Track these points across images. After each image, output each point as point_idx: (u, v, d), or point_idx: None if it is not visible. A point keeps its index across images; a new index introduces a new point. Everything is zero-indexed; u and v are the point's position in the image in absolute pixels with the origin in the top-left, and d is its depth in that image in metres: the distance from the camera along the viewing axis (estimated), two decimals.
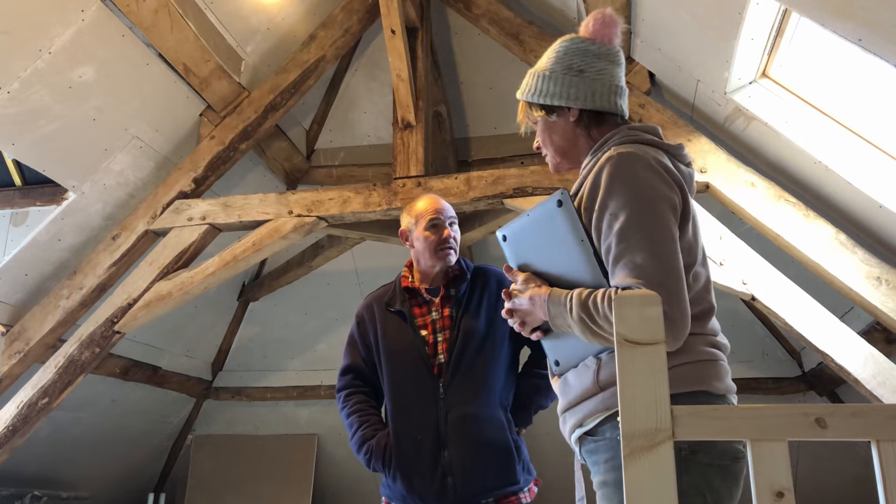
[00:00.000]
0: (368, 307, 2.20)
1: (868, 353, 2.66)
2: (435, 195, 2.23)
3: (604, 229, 1.23)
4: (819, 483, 3.95)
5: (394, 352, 2.09)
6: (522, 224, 1.36)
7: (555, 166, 1.49)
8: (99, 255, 3.44)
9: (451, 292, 2.11)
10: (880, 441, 0.81)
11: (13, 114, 2.90)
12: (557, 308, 1.25)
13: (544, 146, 1.48)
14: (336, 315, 4.79)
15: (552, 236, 1.30)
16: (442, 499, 1.95)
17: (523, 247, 1.36)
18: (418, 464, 1.98)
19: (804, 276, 2.83)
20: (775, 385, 4.16)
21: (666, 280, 1.17)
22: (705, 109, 3.07)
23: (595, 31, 1.42)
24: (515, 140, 4.18)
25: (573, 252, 1.27)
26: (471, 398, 1.99)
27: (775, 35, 2.54)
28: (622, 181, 1.24)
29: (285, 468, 4.82)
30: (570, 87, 1.39)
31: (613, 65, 1.41)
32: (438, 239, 2.09)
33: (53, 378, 3.33)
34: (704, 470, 1.17)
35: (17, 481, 3.89)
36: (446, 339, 2.05)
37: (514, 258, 1.39)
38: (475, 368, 2.01)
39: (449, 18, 3.98)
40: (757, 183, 2.87)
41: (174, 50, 3.16)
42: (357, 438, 2.09)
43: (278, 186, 4.31)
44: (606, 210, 1.23)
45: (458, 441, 1.96)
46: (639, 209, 1.21)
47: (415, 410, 2.02)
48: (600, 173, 1.27)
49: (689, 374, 1.23)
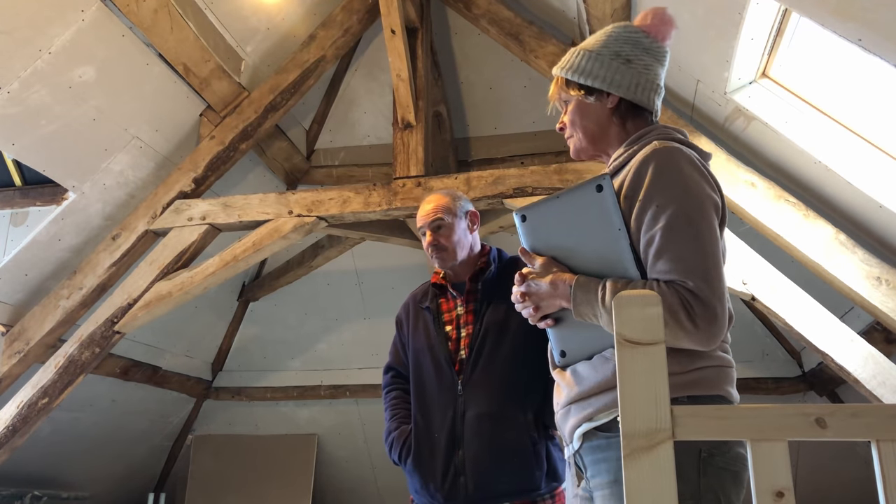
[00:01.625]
0: (406, 306, 2.21)
1: (868, 353, 2.66)
2: (430, 196, 2.17)
3: (647, 221, 1.20)
4: (819, 483, 3.95)
5: (419, 349, 2.07)
6: (549, 206, 1.28)
7: (577, 150, 1.42)
8: (99, 255, 3.44)
9: (478, 286, 2.07)
10: (880, 441, 0.81)
11: (13, 114, 2.90)
12: (586, 295, 1.21)
13: (572, 127, 1.41)
14: (336, 315, 4.79)
15: (584, 222, 1.25)
16: (453, 499, 1.90)
17: (545, 230, 1.30)
18: (433, 462, 1.94)
19: (804, 276, 2.83)
20: (775, 385, 4.16)
21: (712, 278, 1.16)
22: (705, 109, 3.07)
23: (651, 26, 1.38)
24: (515, 140, 4.18)
25: (607, 240, 1.23)
26: (489, 396, 1.93)
27: (775, 35, 2.54)
28: (670, 175, 1.22)
29: (285, 468, 4.82)
30: (615, 73, 1.34)
31: (659, 64, 1.38)
32: (426, 246, 2.09)
33: (53, 378, 3.33)
34: (720, 473, 1.16)
35: (17, 481, 3.89)
36: (469, 334, 2.01)
37: (530, 240, 1.32)
38: (495, 365, 1.95)
39: (449, 18, 3.98)
40: (757, 183, 2.87)
41: (174, 50, 3.16)
42: (385, 431, 2.10)
43: (278, 186, 4.31)
44: (652, 202, 1.20)
45: (473, 441, 1.91)
46: (688, 205, 1.19)
47: (434, 408, 1.99)
48: (646, 164, 1.23)
49: (712, 377, 1.23)
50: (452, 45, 4.07)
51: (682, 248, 1.17)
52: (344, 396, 4.78)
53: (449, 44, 4.06)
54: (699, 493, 1.14)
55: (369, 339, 4.68)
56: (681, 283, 1.15)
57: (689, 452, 1.14)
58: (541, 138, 4.13)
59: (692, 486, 1.14)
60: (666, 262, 1.17)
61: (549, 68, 3.39)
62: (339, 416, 4.89)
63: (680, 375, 1.19)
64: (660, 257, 1.17)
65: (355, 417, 4.86)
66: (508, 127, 4.18)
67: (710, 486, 1.15)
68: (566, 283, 1.24)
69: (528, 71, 3.90)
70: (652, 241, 1.19)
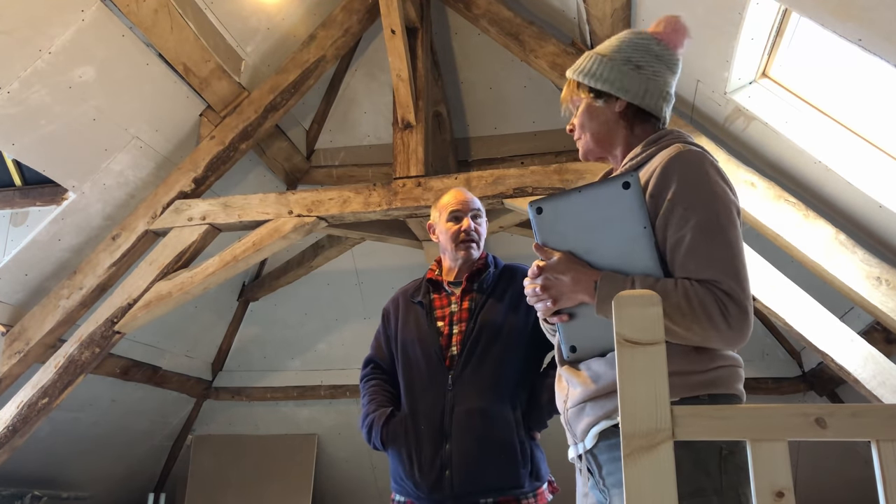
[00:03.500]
0: (395, 300, 2.23)
1: (868, 353, 2.66)
2: (462, 189, 2.21)
3: (675, 220, 1.22)
4: (819, 483, 3.95)
5: (409, 341, 2.09)
6: (569, 201, 1.26)
7: (585, 152, 1.45)
8: (99, 255, 3.44)
9: (474, 285, 2.09)
10: (880, 441, 0.81)
11: (13, 114, 2.90)
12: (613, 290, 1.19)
13: (581, 129, 1.44)
14: (336, 315, 4.79)
15: (606, 218, 1.24)
16: (437, 491, 1.91)
17: (562, 224, 1.28)
18: (420, 454, 1.95)
19: (804, 276, 2.83)
20: (775, 385, 4.16)
21: (743, 280, 1.18)
22: (705, 109, 3.07)
23: (664, 33, 1.41)
24: (515, 140, 4.19)
25: (631, 237, 1.22)
26: (478, 393, 1.96)
27: (775, 35, 2.54)
28: (699, 178, 1.24)
29: (285, 468, 4.82)
30: (625, 78, 1.37)
31: (669, 71, 1.41)
32: (458, 230, 2.09)
33: (53, 378, 3.33)
34: (738, 472, 1.17)
35: (17, 481, 3.89)
36: (462, 331, 2.03)
37: (544, 234, 1.29)
38: (486, 363, 1.98)
39: (449, 18, 3.98)
40: (757, 183, 2.87)
41: (174, 50, 3.16)
42: (362, 415, 2.10)
43: (278, 186, 4.31)
44: (682, 203, 1.22)
45: (460, 435, 1.93)
46: (718, 208, 1.22)
47: (422, 401, 2.00)
48: (673, 165, 1.25)
49: (728, 376, 1.24)
50: (452, 45, 4.07)
51: (714, 249, 1.19)
52: (344, 396, 4.78)
53: (449, 44, 4.06)
54: (721, 489, 1.15)
55: (369, 339, 4.62)
56: (715, 283, 1.17)
57: (710, 450, 1.16)
58: (541, 138, 4.13)
59: (715, 482, 1.15)
60: (698, 263, 1.19)
61: (549, 68, 3.39)
62: (339, 416, 4.89)
63: (701, 374, 1.21)
64: (691, 257, 1.19)
65: (355, 417, 4.85)
66: (508, 127, 4.18)
67: (732, 484, 1.16)
68: (590, 278, 1.23)
69: (528, 71, 3.90)
70: (682, 242, 1.21)
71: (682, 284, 1.17)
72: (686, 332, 1.17)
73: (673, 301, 1.16)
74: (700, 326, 1.16)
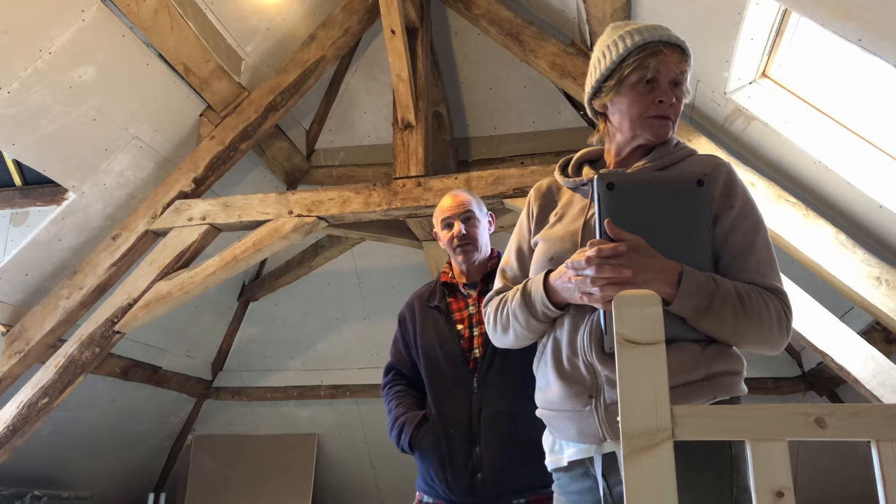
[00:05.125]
0: (410, 305, 2.21)
1: (868, 353, 2.66)
2: (454, 192, 2.19)
3: (746, 228, 1.26)
4: (819, 483, 3.95)
5: (430, 347, 2.07)
6: (641, 183, 1.23)
7: (668, 131, 1.38)
8: (99, 255, 3.44)
9: (490, 286, 2.09)
10: (880, 441, 0.81)
11: (13, 114, 2.90)
12: (694, 285, 1.16)
13: (678, 104, 1.40)
14: (336, 315, 4.79)
15: (671, 211, 1.22)
16: (471, 494, 1.91)
17: (631, 205, 1.22)
18: (451, 458, 1.95)
19: (804, 276, 2.83)
20: (775, 385, 4.16)
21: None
22: (705, 109, 3.07)
23: None
24: (515, 140, 4.19)
25: (693, 235, 1.23)
26: (505, 395, 1.95)
27: (775, 35, 2.54)
28: (747, 190, 1.32)
29: (285, 468, 4.82)
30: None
31: None
32: (451, 237, 2.09)
33: (53, 378, 3.33)
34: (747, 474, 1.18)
35: (17, 481, 3.89)
36: (482, 333, 2.01)
37: (612, 212, 1.20)
38: (511, 364, 1.96)
39: (449, 18, 3.98)
40: (757, 183, 2.87)
41: (174, 50, 3.16)
42: (390, 419, 2.09)
43: (278, 186, 4.31)
44: (748, 212, 1.28)
45: (490, 438, 1.93)
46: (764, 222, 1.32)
47: (449, 405, 2.00)
48: (731, 174, 1.31)
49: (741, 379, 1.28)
50: (452, 45, 4.07)
51: (773, 261, 1.28)
52: (344, 396, 4.78)
53: (449, 44, 4.06)
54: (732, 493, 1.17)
55: (369, 339, 4.68)
56: (779, 292, 1.24)
57: (720, 452, 1.18)
58: (541, 138, 4.13)
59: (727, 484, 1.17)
60: (766, 271, 1.25)
61: (549, 68, 3.38)
62: (339, 416, 4.89)
63: (739, 375, 1.26)
64: (760, 265, 1.25)
65: (355, 417, 4.86)
66: (508, 127, 4.18)
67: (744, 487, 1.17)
68: (674, 269, 1.16)
69: (528, 71, 3.90)
70: (751, 247, 1.25)
71: (753, 289, 1.21)
72: (756, 335, 1.21)
73: (755, 305, 1.19)
74: (769, 332, 1.21)
